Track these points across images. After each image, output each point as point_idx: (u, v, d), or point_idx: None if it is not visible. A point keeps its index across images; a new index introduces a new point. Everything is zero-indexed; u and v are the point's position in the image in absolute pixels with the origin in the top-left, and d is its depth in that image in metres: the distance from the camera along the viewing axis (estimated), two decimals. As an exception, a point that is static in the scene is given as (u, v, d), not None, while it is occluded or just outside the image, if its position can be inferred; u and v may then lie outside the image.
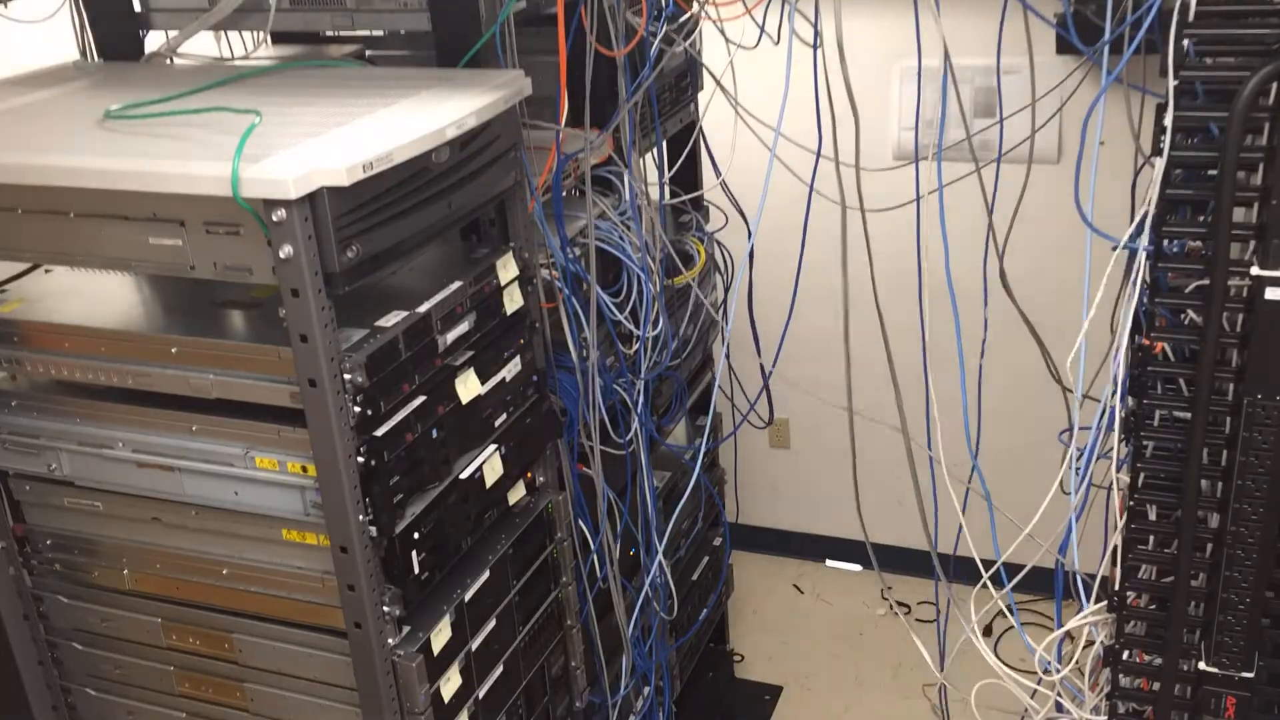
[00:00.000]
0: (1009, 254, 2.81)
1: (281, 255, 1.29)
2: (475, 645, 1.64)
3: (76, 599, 1.69)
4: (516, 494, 1.73)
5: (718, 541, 2.58)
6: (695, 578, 2.47)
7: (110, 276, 1.67)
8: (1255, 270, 1.37)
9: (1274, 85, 1.33)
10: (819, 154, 2.19)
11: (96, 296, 1.62)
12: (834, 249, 3.13)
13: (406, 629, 1.53)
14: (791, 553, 3.41)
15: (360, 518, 1.42)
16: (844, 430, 3.16)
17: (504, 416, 1.67)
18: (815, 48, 1.80)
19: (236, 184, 1.24)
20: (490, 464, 1.63)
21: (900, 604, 3.16)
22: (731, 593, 2.79)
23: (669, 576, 2.20)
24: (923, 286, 1.97)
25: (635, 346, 1.98)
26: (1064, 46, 2.56)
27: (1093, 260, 2.05)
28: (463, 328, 1.57)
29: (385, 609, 1.48)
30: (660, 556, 2.08)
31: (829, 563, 3.39)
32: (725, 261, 2.60)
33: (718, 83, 2.03)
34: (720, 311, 2.62)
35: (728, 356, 2.43)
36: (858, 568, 3.34)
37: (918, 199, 2.14)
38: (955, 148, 2.75)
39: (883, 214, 2.92)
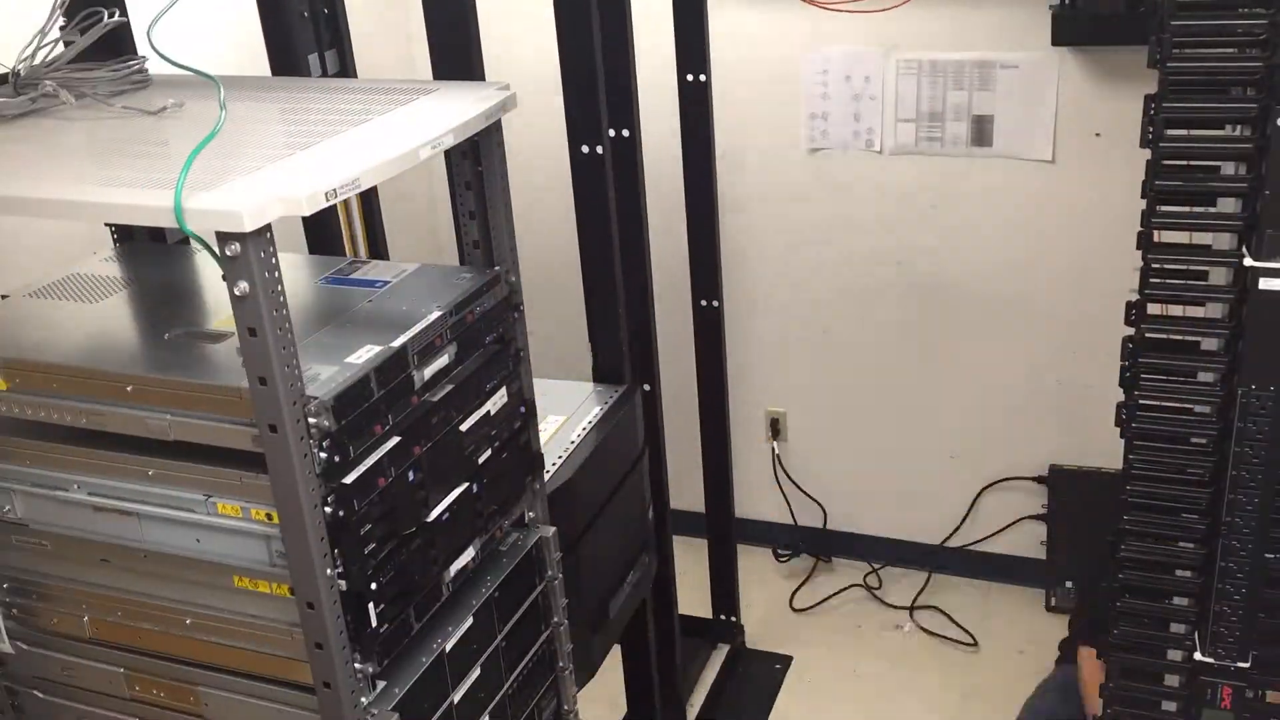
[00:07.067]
0: (1003, 249, 2.81)
1: (237, 292, 1.18)
2: (458, 698, 1.54)
3: (36, 646, 1.60)
4: (492, 533, 1.62)
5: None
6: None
7: (65, 307, 1.57)
8: (1248, 261, 1.36)
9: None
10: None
11: (51, 329, 1.52)
12: (830, 246, 3.13)
13: (381, 684, 1.43)
14: (791, 547, 3.36)
15: (329, 571, 1.32)
16: (839, 423, 3.19)
17: (488, 453, 1.57)
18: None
19: (180, 215, 1.13)
20: (460, 503, 1.52)
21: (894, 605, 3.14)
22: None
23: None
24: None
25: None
26: (1060, 38, 2.50)
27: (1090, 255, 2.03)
28: (442, 361, 1.47)
29: (358, 666, 1.38)
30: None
31: (832, 557, 3.34)
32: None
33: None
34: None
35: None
36: (856, 560, 3.30)
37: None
38: (954, 143, 2.75)
39: (887, 211, 2.92)
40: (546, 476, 1.91)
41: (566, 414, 2.15)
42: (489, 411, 1.56)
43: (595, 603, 2.12)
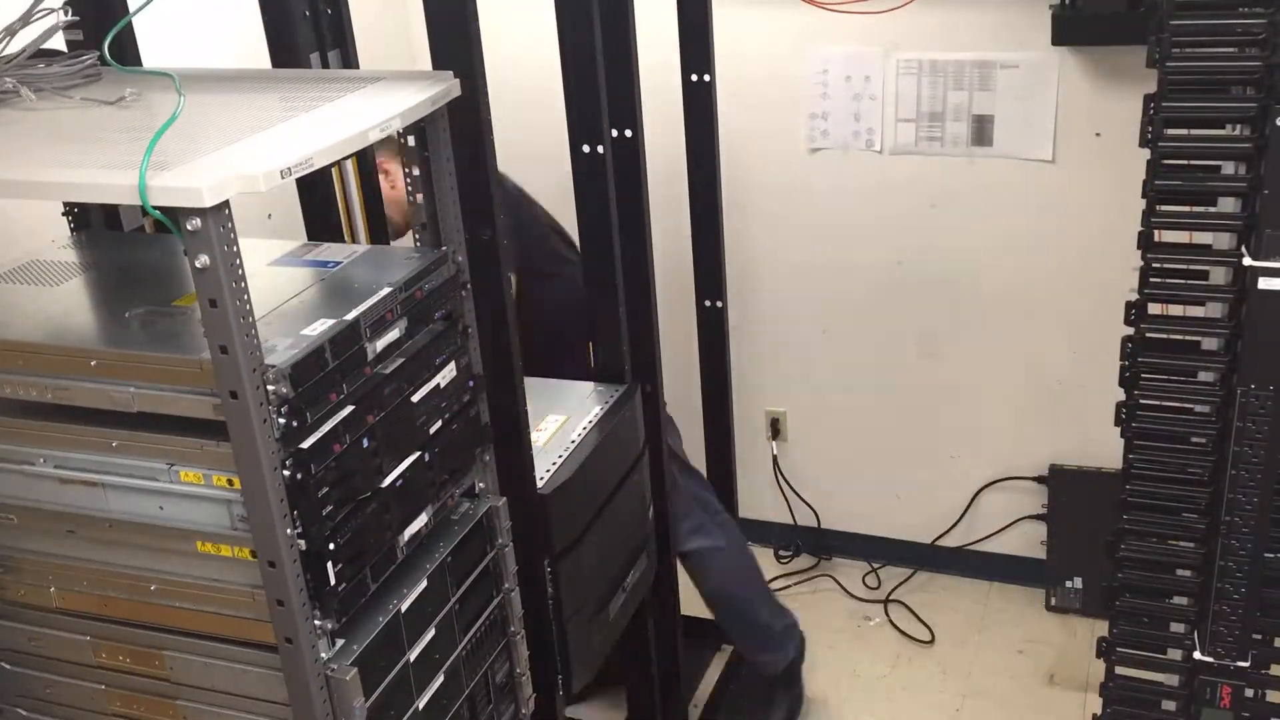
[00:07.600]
0: (1002, 249, 2.85)
1: (198, 265, 1.25)
2: (414, 656, 1.61)
3: (3, 618, 1.65)
4: (444, 501, 1.69)
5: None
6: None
7: (27, 290, 1.62)
8: (1248, 260, 1.36)
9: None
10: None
11: (13, 310, 1.58)
12: (830, 246, 3.12)
13: (340, 641, 1.50)
14: (791, 547, 3.40)
15: (289, 531, 1.39)
16: (839, 422, 3.24)
17: (438, 424, 1.64)
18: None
19: (145, 192, 1.20)
20: (413, 471, 1.60)
21: (893, 600, 3.18)
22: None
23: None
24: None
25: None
26: (1060, 38, 2.51)
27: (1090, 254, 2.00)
28: (393, 334, 1.54)
29: (318, 623, 1.45)
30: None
31: (833, 556, 3.37)
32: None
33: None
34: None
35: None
36: (856, 560, 3.33)
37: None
38: (954, 143, 2.74)
39: (887, 211, 2.91)
40: (546, 476, 1.98)
41: (566, 414, 2.16)
42: (439, 384, 1.64)
43: (595, 602, 2.13)
